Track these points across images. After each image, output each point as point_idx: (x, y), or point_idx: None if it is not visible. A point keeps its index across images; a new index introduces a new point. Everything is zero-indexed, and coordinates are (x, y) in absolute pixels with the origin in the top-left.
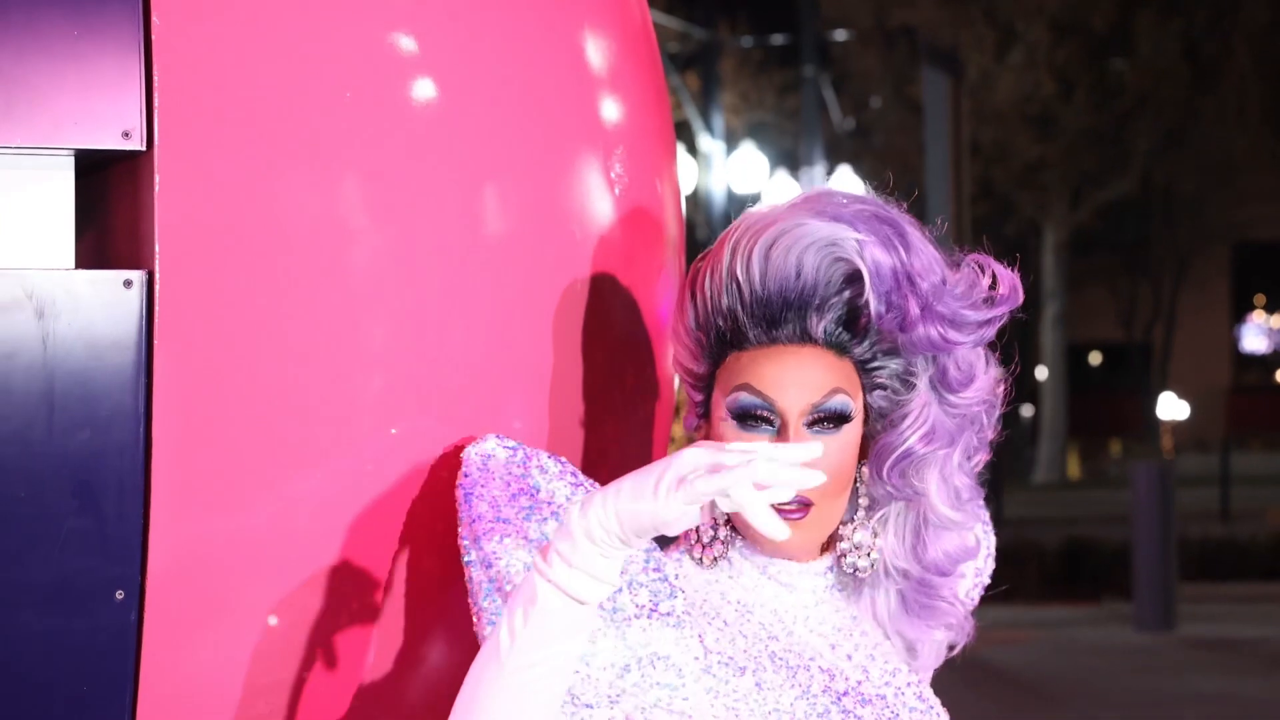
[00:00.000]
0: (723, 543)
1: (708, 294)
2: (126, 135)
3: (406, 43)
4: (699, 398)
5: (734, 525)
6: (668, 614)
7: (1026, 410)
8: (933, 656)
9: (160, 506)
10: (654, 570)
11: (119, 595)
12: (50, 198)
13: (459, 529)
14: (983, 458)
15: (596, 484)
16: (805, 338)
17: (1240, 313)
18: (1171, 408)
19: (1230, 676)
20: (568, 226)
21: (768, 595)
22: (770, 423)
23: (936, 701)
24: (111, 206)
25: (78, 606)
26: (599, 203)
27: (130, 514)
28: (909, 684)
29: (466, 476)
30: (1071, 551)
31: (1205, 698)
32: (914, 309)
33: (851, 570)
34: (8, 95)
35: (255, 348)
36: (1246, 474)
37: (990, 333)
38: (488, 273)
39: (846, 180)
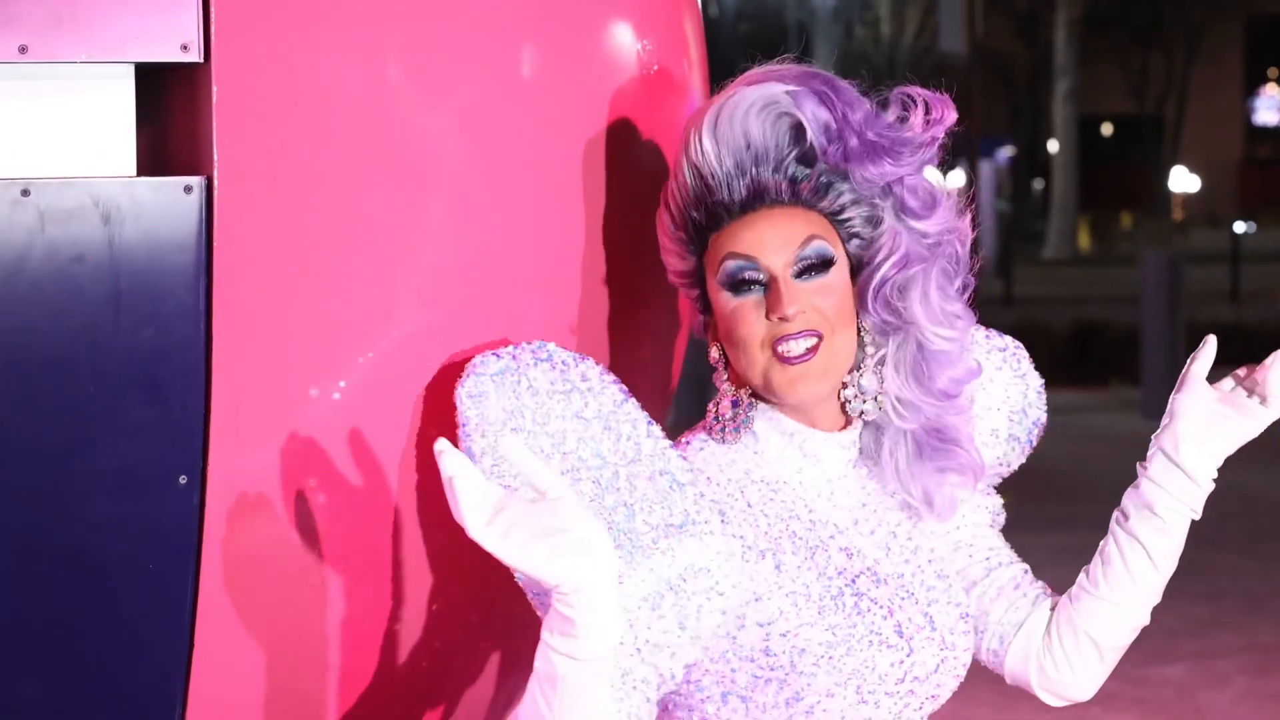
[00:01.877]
0: (745, 413)
1: (677, 193)
2: (184, 48)
3: None
4: (695, 292)
5: (755, 394)
6: (683, 524)
7: (1037, 184)
8: (949, 507)
9: (220, 397)
10: (660, 475)
11: (182, 480)
12: (112, 109)
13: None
14: (968, 285)
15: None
16: (772, 199)
17: (1253, 87)
18: (1183, 181)
19: (1234, 469)
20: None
21: (792, 469)
22: (760, 282)
23: (955, 579)
24: (170, 116)
25: (144, 491)
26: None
27: (192, 405)
28: (929, 561)
29: (462, 426)
30: (1080, 334)
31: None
32: (853, 142)
33: (858, 415)
34: (72, 12)
35: (308, 246)
36: (1257, 250)
37: (931, 154)
38: (528, 154)
39: None
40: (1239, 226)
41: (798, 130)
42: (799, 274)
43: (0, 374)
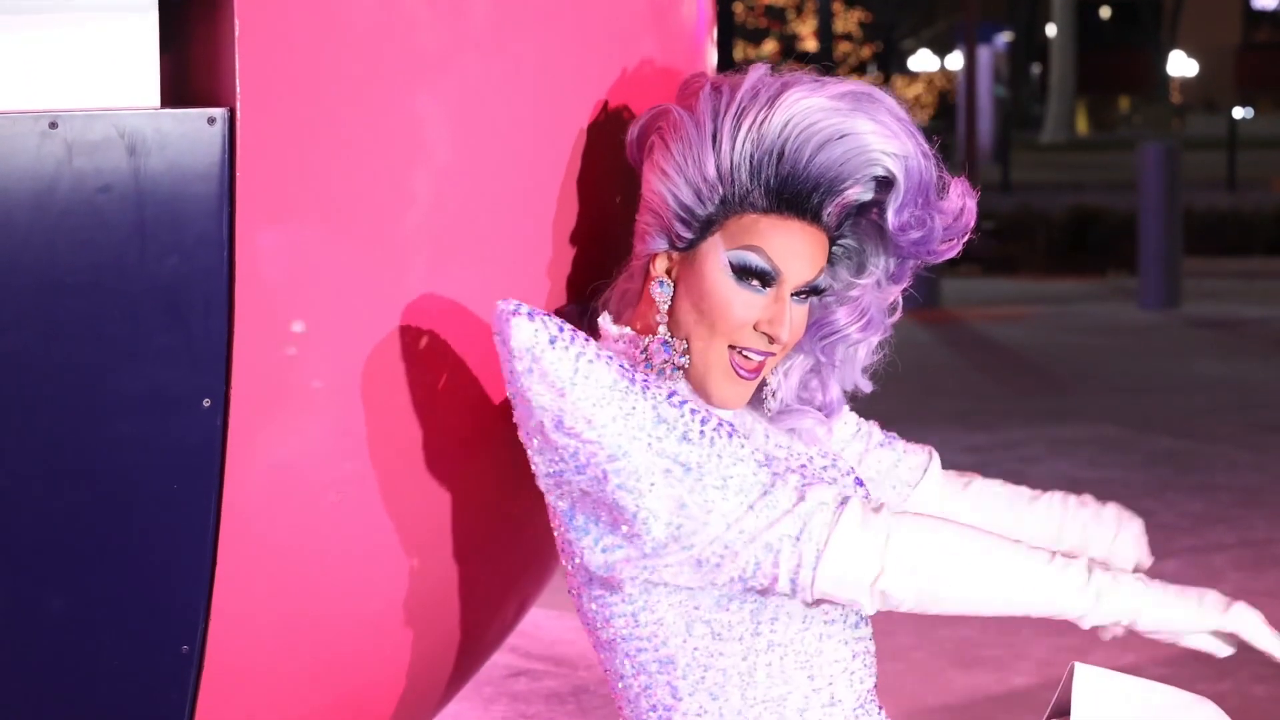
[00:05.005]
0: (673, 366)
1: (741, 151)
2: None
3: None
4: (687, 234)
5: (682, 369)
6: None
7: (1035, 69)
8: (812, 434)
9: (243, 323)
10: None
11: (206, 403)
12: (136, 41)
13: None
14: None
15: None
16: (816, 219)
17: None
18: (1181, 65)
19: (1231, 359)
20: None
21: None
22: (766, 284)
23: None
24: (192, 48)
25: (168, 413)
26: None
27: (215, 330)
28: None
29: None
30: (1078, 222)
31: (1206, 381)
32: (937, 230)
33: (768, 412)
34: None
35: (328, 176)
36: (1254, 136)
37: (955, 251)
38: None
39: None
40: (1237, 112)
41: (884, 183)
42: (797, 293)
43: (29, 301)
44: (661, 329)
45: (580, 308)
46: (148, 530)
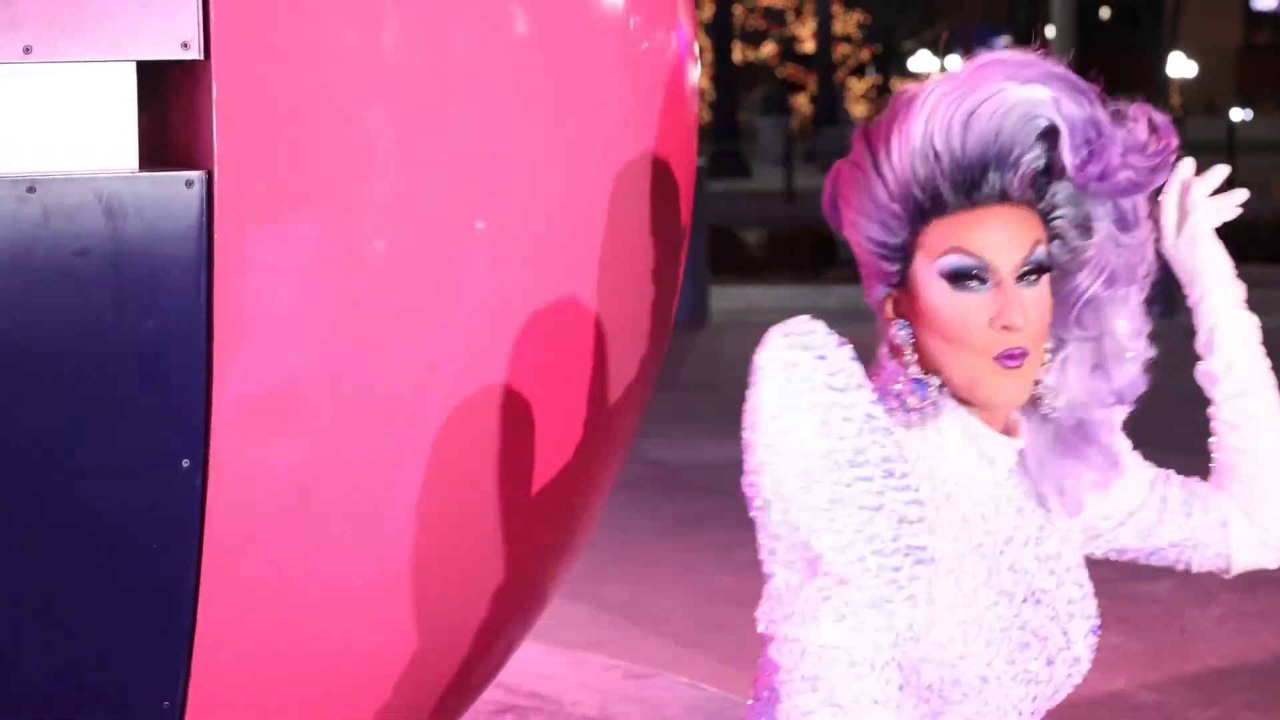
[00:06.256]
0: (935, 403)
1: (900, 167)
2: (185, 46)
3: None
4: (893, 268)
5: (944, 385)
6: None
7: None
8: (1076, 504)
9: (221, 384)
10: (910, 506)
11: (185, 463)
12: (114, 106)
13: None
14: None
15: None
16: (1004, 197)
17: None
18: (1180, 67)
19: None
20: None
21: (968, 472)
22: (983, 280)
23: (1090, 587)
24: (170, 111)
25: (148, 473)
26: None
27: (194, 391)
28: (1067, 570)
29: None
30: None
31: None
32: (1114, 158)
33: (1049, 412)
34: (75, 13)
35: (306, 238)
36: (1254, 139)
37: (1165, 177)
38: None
39: None
40: (1236, 114)
41: (1046, 133)
42: (1021, 277)
43: (8, 364)
44: (912, 368)
45: None
46: (128, 589)
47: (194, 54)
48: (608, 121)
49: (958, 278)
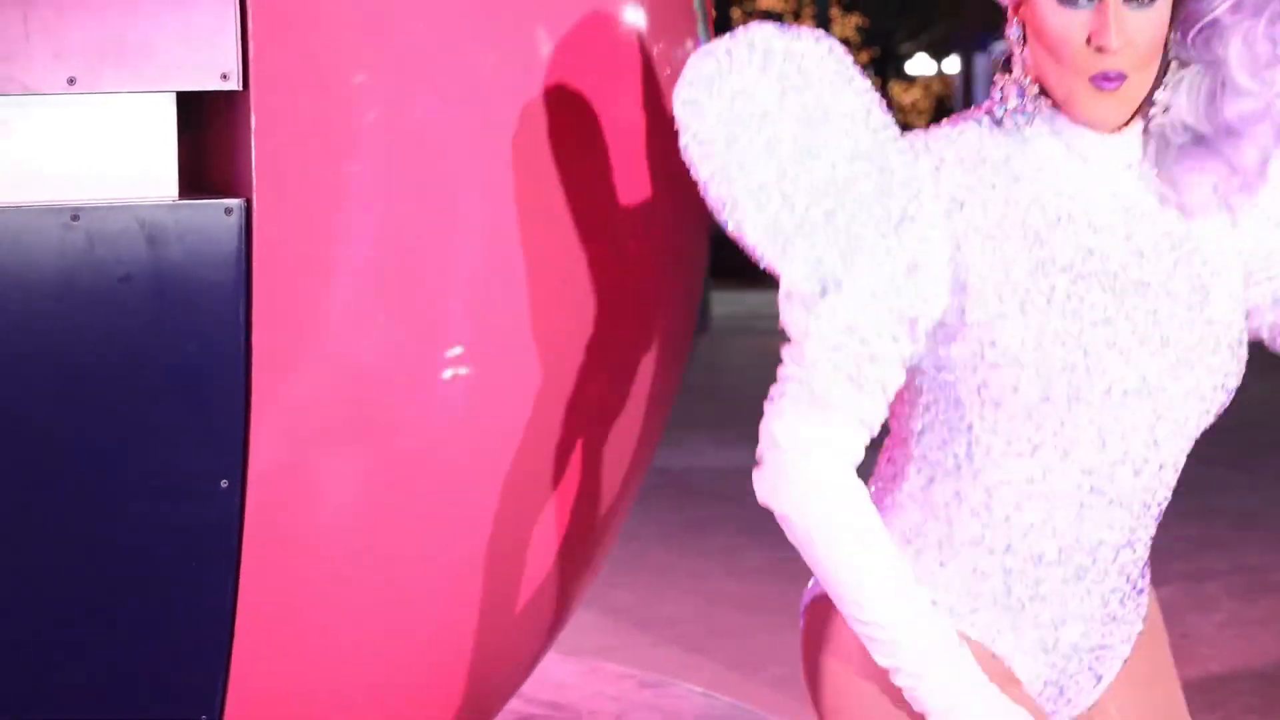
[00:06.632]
0: (1030, 107)
1: None
2: (224, 77)
3: None
4: None
5: (1043, 90)
6: (900, 221)
7: None
8: (1200, 203)
9: (260, 406)
10: (880, 172)
11: (224, 484)
12: (155, 135)
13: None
14: None
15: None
16: None
17: None
18: None
19: None
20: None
21: (1053, 165)
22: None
23: (1239, 321)
24: (210, 140)
25: (187, 494)
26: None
27: (233, 413)
28: (1211, 272)
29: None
30: None
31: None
32: None
33: (1156, 127)
34: (118, 45)
35: (344, 265)
36: None
37: None
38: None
39: None
40: None
41: None
42: None
43: (52, 387)
44: (1016, 70)
45: None
46: (166, 608)
47: (233, 85)
48: (625, 138)
49: None
